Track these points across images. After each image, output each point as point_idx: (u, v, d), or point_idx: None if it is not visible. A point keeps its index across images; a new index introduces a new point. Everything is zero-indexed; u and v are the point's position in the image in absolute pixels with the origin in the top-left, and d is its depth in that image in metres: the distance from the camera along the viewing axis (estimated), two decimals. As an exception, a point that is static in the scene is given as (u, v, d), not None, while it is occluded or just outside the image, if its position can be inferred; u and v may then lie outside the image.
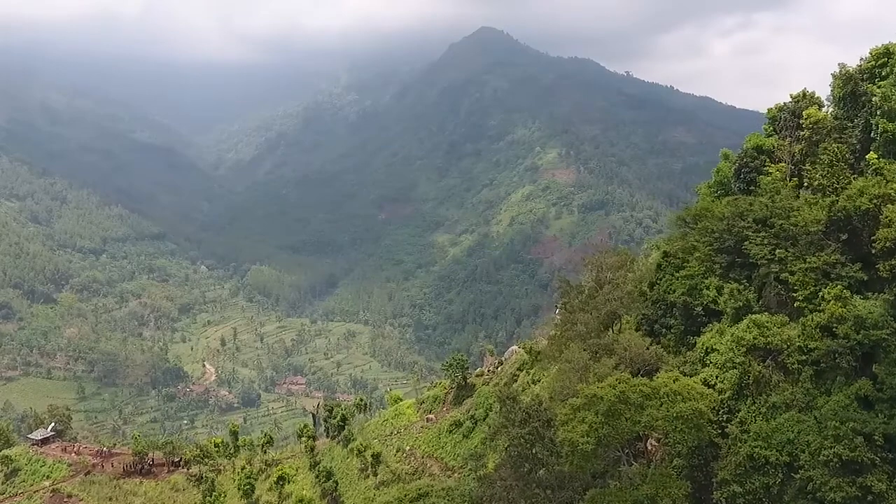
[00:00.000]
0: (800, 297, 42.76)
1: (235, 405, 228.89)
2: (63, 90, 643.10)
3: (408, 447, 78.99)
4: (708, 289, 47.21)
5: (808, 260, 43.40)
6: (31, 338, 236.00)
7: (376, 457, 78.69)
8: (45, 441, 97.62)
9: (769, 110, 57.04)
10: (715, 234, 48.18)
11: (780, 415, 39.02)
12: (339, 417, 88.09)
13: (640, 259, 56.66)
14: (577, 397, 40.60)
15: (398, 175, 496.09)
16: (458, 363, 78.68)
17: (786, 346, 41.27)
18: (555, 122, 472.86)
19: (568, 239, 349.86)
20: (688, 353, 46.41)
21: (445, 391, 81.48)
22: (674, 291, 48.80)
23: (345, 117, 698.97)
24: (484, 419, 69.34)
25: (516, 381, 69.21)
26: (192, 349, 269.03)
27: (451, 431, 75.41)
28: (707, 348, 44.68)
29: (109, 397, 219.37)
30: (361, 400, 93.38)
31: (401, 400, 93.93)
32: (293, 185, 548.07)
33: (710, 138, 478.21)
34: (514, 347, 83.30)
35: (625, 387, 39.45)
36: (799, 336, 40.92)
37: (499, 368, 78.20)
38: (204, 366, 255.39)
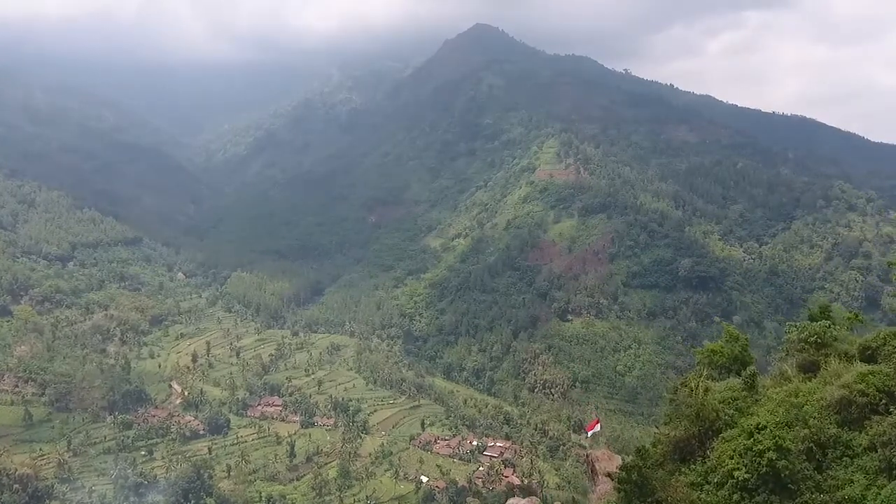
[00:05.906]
0: None
1: (201, 432, 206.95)
2: (48, 90, 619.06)
3: None
4: None
5: None
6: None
7: None
8: None
9: None
10: None
11: None
12: None
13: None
14: None
15: (389, 176, 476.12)
16: None
17: None
18: (553, 121, 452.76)
19: (568, 244, 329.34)
20: None
21: None
22: None
23: (336, 117, 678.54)
24: None
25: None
26: (159, 366, 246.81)
27: None
28: None
29: (60, 425, 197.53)
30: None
31: None
32: (282, 186, 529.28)
33: (714, 137, 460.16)
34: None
35: None
36: None
37: None
38: (170, 386, 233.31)
